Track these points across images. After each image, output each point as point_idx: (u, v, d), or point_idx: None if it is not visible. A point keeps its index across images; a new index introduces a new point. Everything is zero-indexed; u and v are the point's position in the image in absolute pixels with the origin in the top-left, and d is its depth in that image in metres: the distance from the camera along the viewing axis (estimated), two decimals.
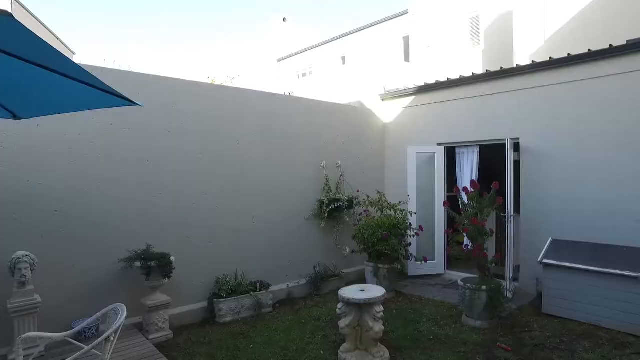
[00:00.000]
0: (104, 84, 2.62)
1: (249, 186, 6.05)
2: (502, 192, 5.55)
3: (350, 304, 4.04)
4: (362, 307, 4.04)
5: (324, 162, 6.97)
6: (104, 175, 4.78)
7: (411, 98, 7.82)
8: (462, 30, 10.94)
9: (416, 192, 7.19)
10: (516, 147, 6.32)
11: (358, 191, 7.11)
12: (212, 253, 5.61)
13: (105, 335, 2.43)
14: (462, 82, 7.00)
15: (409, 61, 10.02)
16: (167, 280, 4.81)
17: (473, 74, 6.92)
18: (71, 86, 2.80)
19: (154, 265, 4.65)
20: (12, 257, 3.98)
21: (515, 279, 6.25)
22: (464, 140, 7.06)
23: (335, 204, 6.71)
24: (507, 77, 6.45)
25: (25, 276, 3.96)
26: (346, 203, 6.83)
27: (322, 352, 4.38)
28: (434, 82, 7.42)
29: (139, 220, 5.02)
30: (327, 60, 12.56)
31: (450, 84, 7.17)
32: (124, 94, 2.85)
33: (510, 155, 5.95)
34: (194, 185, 5.50)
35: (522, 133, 6.27)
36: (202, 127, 5.58)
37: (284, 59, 15.21)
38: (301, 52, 14.03)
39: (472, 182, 5.39)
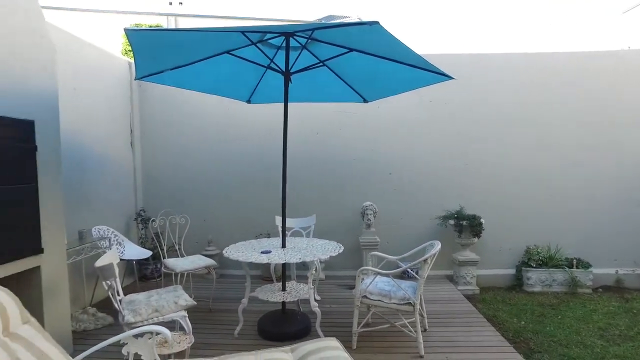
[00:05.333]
0: (434, 65, 3.27)
1: (557, 156, 5.64)
2: None
3: None
4: None
5: None
6: (425, 145, 5.69)
7: None
8: None
9: None
10: None
11: None
12: (521, 222, 5.65)
13: (424, 257, 3.16)
14: None
15: None
16: (476, 239, 5.28)
17: None
18: (404, 71, 3.63)
19: (465, 225, 5.21)
20: (363, 205, 5.47)
21: None
22: None
23: None
24: None
25: (370, 220, 5.36)
26: None
27: None
28: None
29: (450, 185, 5.69)
30: None
31: None
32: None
33: None
34: (496, 155, 5.66)
35: None
36: (501, 98, 5.62)
37: (630, 10, 12.47)
38: None
39: None
